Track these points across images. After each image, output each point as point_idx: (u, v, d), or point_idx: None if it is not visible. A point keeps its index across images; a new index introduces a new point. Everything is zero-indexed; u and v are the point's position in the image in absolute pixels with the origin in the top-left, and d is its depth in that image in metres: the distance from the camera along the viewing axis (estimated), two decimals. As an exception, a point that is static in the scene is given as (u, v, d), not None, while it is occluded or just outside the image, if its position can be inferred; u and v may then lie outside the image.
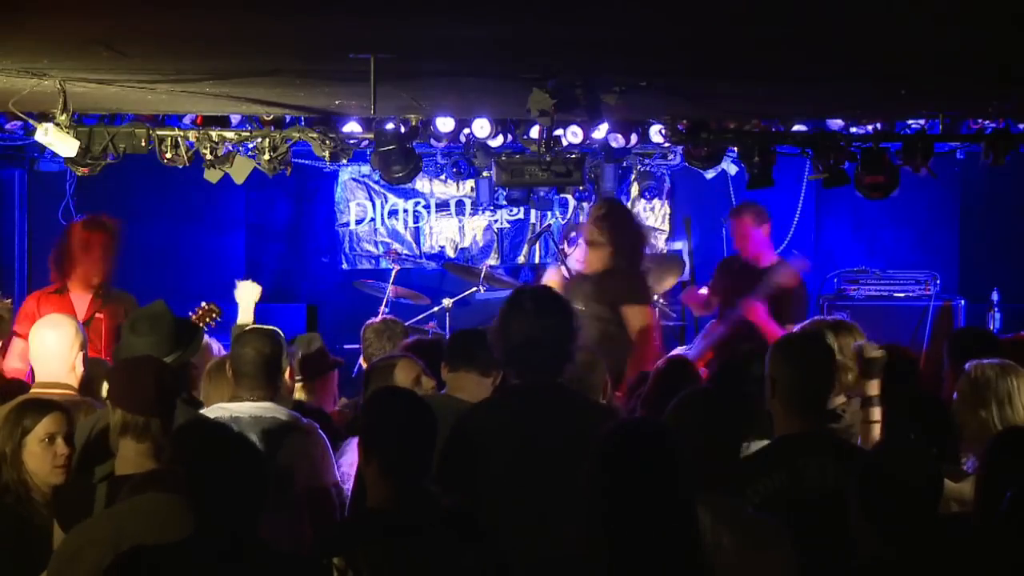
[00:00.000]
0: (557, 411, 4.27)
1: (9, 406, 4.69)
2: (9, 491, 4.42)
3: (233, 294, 6.79)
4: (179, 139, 7.38)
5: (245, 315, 6.63)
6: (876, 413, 4.78)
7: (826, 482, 3.99)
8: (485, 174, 10.24)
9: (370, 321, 6.71)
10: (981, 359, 4.72)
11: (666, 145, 9.47)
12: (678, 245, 11.19)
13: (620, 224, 7.23)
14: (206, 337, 6.05)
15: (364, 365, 6.33)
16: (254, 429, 4.79)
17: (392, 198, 11.60)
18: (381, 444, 3.81)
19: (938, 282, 9.87)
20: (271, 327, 5.44)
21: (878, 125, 8.22)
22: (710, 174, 9.63)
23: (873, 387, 4.82)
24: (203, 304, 7.27)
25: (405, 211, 11.63)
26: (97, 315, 6.96)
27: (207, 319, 7.15)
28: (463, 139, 8.72)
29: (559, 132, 7.76)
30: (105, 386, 5.60)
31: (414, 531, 3.66)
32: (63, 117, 6.68)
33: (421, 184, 11.36)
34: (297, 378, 5.76)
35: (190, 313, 7.06)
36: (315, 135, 7.47)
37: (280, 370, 5.17)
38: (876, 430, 4.76)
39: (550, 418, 4.24)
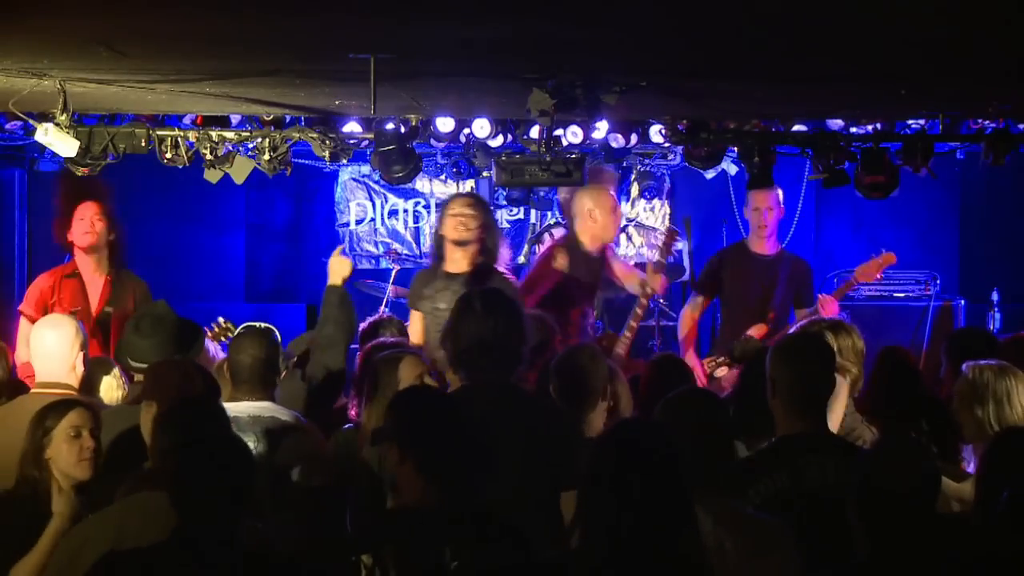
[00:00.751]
0: (505, 411, 4.29)
1: (21, 407, 4.71)
2: (27, 483, 4.43)
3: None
4: (179, 139, 7.38)
5: None
6: None
7: (827, 482, 3.98)
8: (485, 174, 10.24)
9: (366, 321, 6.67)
10: (979, 360, 4.72)
11: (666, 145, 9.47)
12: (678, 245, 11.19)
13: (490, 220, 6.86)
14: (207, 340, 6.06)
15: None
16: (253, 429, 4.80)
17: (392, 198, 11.60)
18: (417, 444, 3.82)
19: (938, 282, 9.87)
20: (266, 325, 5.44)
21: (878, 125, 8.21)
22: (710, 174, 9.62)
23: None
24: (220, 320, 7.27)
25: (405, 211, 11.63)
26: (107, 308, 7.00)
27: (222, 336, 7.16)
28: (463, 139, 8.72)
29: (559, 132, 7.75)
30: (107, 385, 5.62)
31: (446, 529, 3.66)
32: (63, 117, 6.68)
33: (421, 184, 11.37)
34: None
35: (206, 329, 7.04)
36: (315, 135, 7.47)
37: (277, 369, 5.18)
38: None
39: (497, 418, 4.25)
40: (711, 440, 3.81)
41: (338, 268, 5.94)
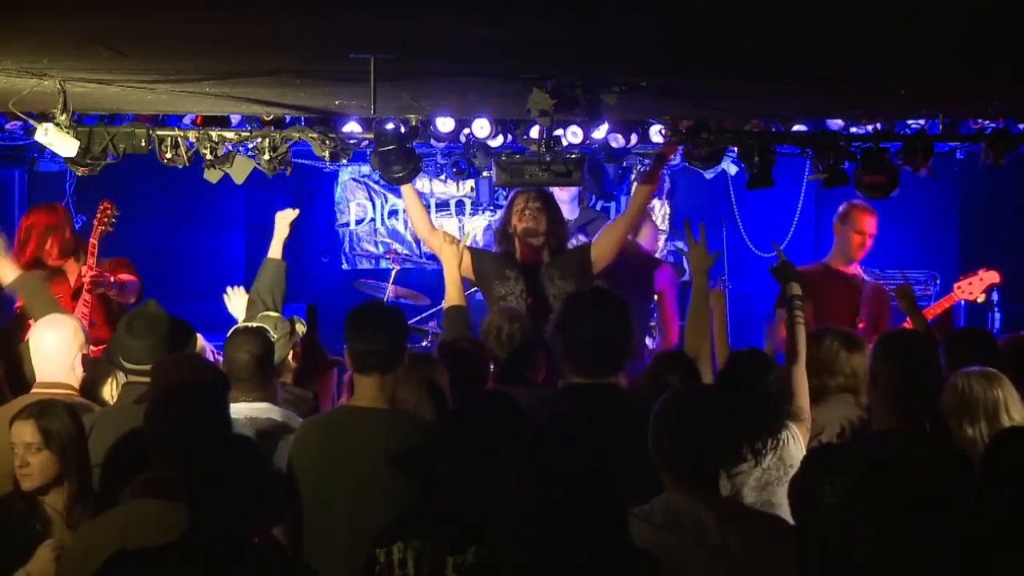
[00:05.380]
0: (609, 410, 4.26)
1: (20, 407, 4.71)
2: (16, 494, 4.42)
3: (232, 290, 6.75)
4: (179, 139, 7.37)
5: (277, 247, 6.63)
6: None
7: (913, 481, 3.91)
8: (485, 174, 10.24)
9: None
10: (967, 368, 4.66)
11: (666, 145, 9.47)
12: (678, 245, 11.21)
13: (556, 212, 7.33)
14: (201, 340, 6.06)
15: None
16: (249, 430, 4.79)
17: (392, 198, 11.60)
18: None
19: (938, 282, 9.87)
20: (258, 324, 5.45)
21: (878, 125, 8.21)
22: (710, 174, 9.63)
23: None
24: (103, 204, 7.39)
25: (405, 211, 11.63)
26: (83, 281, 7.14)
27: (105, 219, 7.26)
28: (463, 139, 8.72)
29: (559, 132, 7.74)
30: (108, 386, 5.61)
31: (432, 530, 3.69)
32: (63, 117, 6.68)
33: (421, 184, 11.37)
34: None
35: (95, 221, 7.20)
36: (315, 135, 7.46)
37: (273, 367, 5.18)
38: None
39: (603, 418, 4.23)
40: (711, 439, 3.80)
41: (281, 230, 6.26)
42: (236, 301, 6.54)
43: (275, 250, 6.54)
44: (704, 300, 5.47)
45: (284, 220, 6.66)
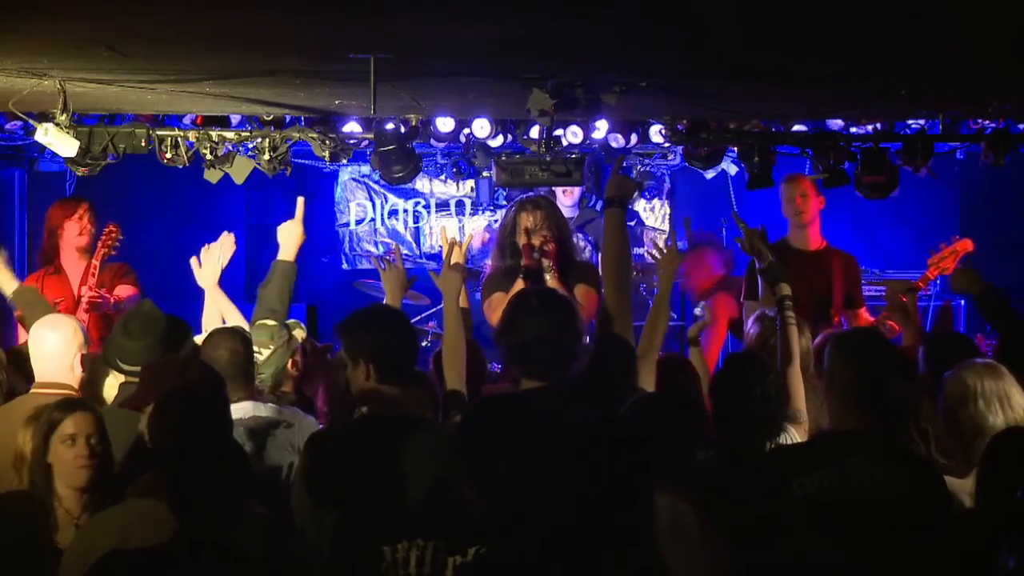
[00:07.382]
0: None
1: (21, 407, 4.70)
2: (34, 489, 4.39)
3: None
4: (179, 139, 7.38)
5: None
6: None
7: (873, 486, 3.92)
8: (485, 174, 10.24)
9: None
10: (969, 362, 4.64)
11: (666, 145, 9.46)
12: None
13: (561, 222, 6.85)
14: None
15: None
16: (237, 430, 4.77)
17: (392, 198, 11.61)
18: None
19: (938, 282, 9.86)
20: (236, 325, 5.43)
21: (878, 125, 8.22)
22: (710, 174, 9.63)
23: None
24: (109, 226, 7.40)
25: (405, 211, 11.64)
26: (84, 289, 7.18)
27: (110, 241, 7.28)
28: (463, 139, 8.72)
29: (559, 132, 7.75)
30: (109, 384, 5.60)
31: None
32: (63, 117, 6.69)
33: (421, 184, 11.37)
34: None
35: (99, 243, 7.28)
36: (315, 135, 7.47)
37: (253, 365, 5.16)
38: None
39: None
40: (672, 445, 3.84)
41: (293, 236, 5.85)
42: (208, 268, 6.20)
43: (287, 252, 5.94)
44: (665, 306, 5.30)
45: (295, 226, 6.00)
